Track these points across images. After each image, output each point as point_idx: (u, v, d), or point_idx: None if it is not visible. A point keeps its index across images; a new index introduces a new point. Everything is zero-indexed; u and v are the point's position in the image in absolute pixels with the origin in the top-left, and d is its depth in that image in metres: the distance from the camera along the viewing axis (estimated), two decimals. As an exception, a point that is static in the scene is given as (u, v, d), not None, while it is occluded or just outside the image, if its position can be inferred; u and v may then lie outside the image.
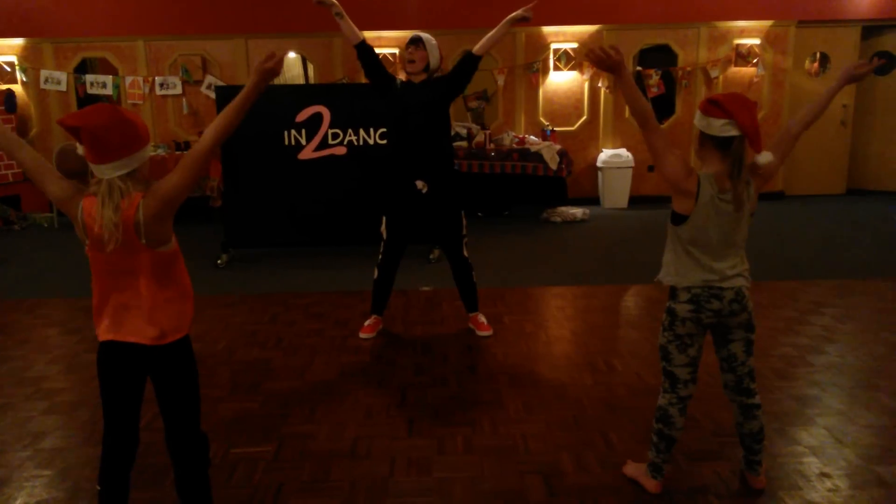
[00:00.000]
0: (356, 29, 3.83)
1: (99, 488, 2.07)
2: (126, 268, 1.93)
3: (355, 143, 5.90)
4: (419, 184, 3.91)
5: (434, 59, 3.86)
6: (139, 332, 1.96)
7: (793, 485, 2.51)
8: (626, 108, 8.59)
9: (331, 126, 5.87)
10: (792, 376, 3.47)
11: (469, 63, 3.81)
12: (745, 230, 2.29)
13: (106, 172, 1.86)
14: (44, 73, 8.27)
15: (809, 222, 7.42)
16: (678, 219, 2.27)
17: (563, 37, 8.45)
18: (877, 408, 3.11)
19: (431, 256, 6.02)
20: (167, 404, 2.06)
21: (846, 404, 3.15)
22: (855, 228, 7.00)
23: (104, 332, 1.98)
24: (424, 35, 3.85)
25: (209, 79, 8.32)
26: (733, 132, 2.13)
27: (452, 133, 7.87)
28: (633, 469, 2.57)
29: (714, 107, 2.15)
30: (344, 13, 3.78)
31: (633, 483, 2.52)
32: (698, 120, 2.24)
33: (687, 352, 2.34)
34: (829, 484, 2.52)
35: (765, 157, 2.18)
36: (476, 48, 3.80)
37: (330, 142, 5.89)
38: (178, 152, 7.87)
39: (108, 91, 8.29)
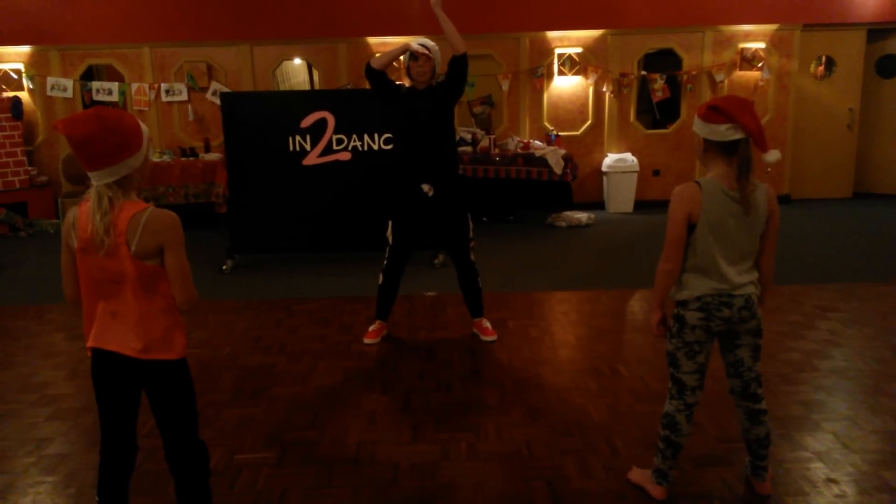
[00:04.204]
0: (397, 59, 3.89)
1: (98, 499, 2.06)
2: (113, 276, 1.90)
3: (360, 149, 5.91)
4: (425, 187, 3.91)
5: (439, 65, 3.90)
6: (124, 342, 1.92)
7: (799, 490, 2.50)
8: (632, 113, 8.61)
9: (335, 132, 5.87)
10: (798, 381, 3.45)
11: (456, 64, 3.80)
12: (755, 238, 2.25)
13: (94, 179, 1.86)
14: (50, 80, 8.31)
15: (816, 226, 7.39)
16: (688, 228, 2.24)
17: (568, 41, 8.45)
18: (884, 412, 3.09)
19: (436, 262, 6.01)
20: (161, 420, 2.04)
21: (853, 409, 3.13)
22: (861, 232, 6.97)
23: (91, 339, 1.97)
24: (427, 43, 3.86)
25: (214, 85, 8.34)
26: (738, 135, 2.13)
27: (457, 138, 7.88)
28: (638, 475, 2.56)
29: (715, 113, 2.15)
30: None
31: (638, 489, 2.51)
32: (699, 127, 2.23)
33: (696, 359, 2.32)
34: (835, 490, 2.50)
35: (773, 156, 2.17)
36: (456, 49, 3.77)
37: (335, 147, 5.90)
38: (183, 158, 7.88)
39: (114, 98, 8.32)
